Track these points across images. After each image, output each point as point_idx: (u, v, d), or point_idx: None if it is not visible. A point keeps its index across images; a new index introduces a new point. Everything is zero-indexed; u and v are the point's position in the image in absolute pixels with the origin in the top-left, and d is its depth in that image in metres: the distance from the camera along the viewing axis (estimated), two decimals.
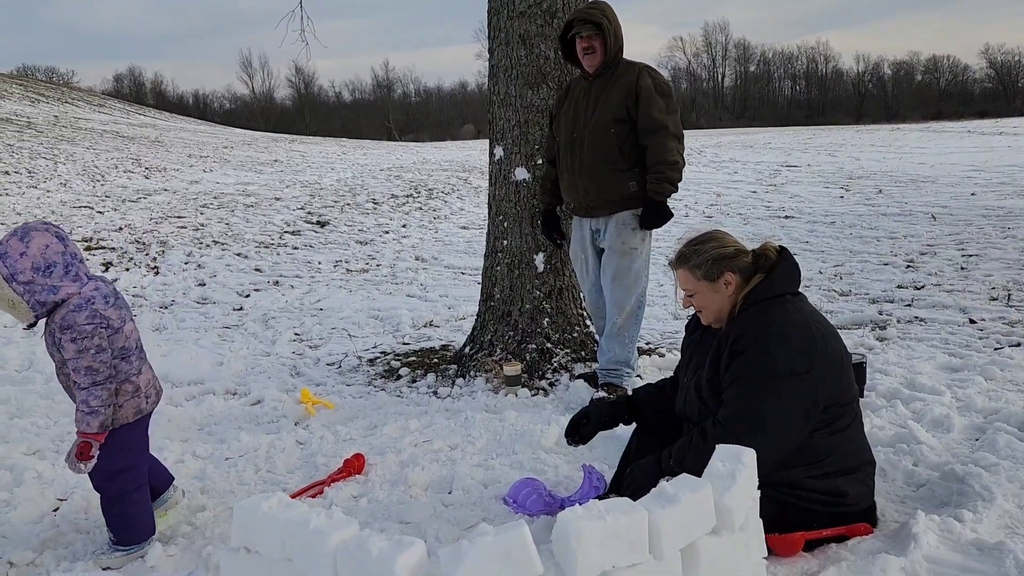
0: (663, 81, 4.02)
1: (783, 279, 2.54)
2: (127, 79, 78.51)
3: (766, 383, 2.35)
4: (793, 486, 2.40)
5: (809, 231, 9.65)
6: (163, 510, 2.89)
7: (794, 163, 16.99)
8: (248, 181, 15.56)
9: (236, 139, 27.04)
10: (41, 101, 30.59)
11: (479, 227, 10.62)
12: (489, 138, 4.79)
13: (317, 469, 3.38)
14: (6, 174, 14.23)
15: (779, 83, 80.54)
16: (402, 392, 4.53)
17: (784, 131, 32.56)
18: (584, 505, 1.60)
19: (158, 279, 8.05)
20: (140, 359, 2.66)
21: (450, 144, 33.12)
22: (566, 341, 4.64)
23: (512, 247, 4.64)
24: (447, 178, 15.65)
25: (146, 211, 11.84)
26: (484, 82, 5.08)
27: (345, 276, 8.28)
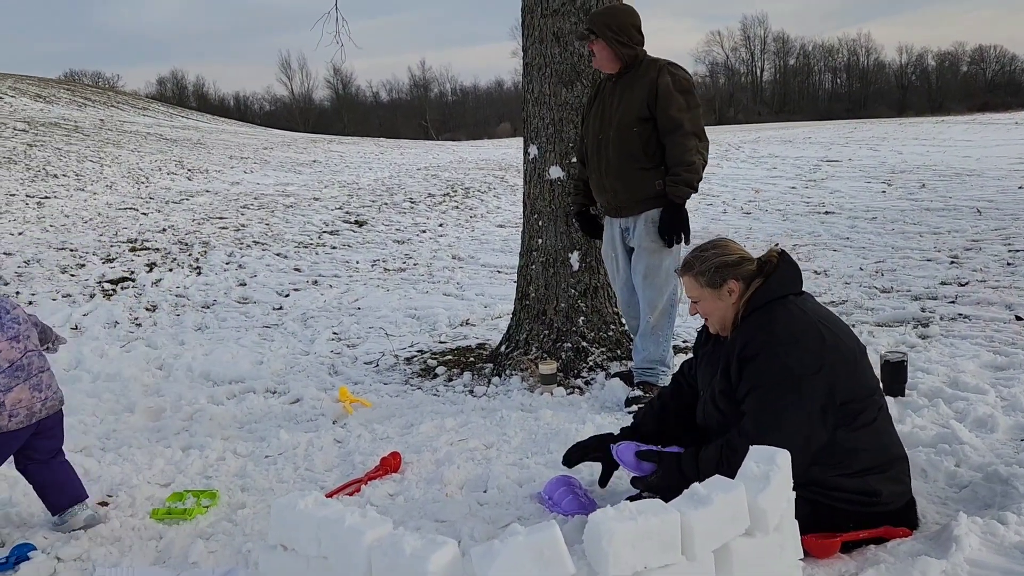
0: (683, 78, 3.97)
1: (782, 281, 2.55)
2: (170, 82, 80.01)
3: (782, 387, 2.35)
4: (824, 486, 2.39)
5: (850, 227, 9.49)
6: (66, 529, 2.86)
7: (834, 158, 16.71)
8: (287, 182, 15.78)
9: (276, 140, 27.43)
10: (88, 105, 31.35)
11: (515, 225, 10.64)
12: (523, 137, 4.80)
13: (354, 467, 3.42)
14: (55, 177, 14.62)
15: (819, 76, 79.21)
16: (438, 391, 4.57)
17: (824, 125, 32.04)
18: (616, 506, 1.61)
19: (200, 279, 8.21)
20: (13, 379, 2.74)
21: (487, 143, 33.20)
22: (601, 340, 4.63)
23: (547, 246, 4.64)
24: (483, 177, 15.69)
25: (189, 212, 12.08)
26: (520, 80, 5.10)
27: (383, 275, 8.35)
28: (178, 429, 4.03)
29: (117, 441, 3.88)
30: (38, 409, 2.80)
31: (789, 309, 2.48)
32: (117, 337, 6.28)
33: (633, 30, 3.99)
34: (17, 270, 8.47)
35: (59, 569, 2.63)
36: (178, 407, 4.37)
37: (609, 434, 3.02)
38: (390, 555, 1.57)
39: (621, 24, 3.94)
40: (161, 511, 2.98)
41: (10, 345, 2.76)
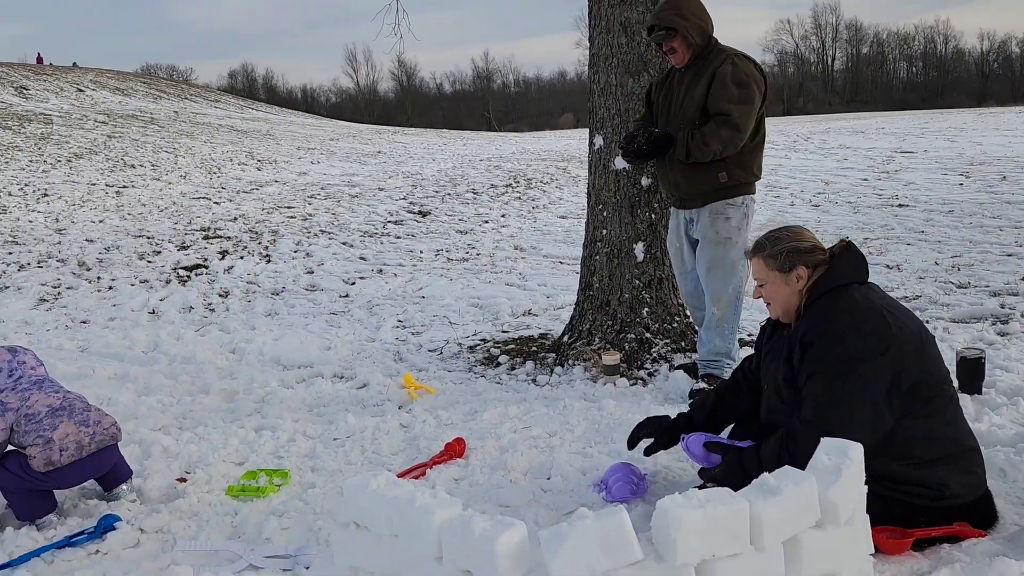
0: (746, 70, 3.84)
1: (846, 269, 2.53)
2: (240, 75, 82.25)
3: (844, 371, 2.32)
4: (893, 479, 2.34)
5: (925, 220, 9.19)
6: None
7: (909, 149, 16.17)
8: (353, 172, 16.05)
9: (341, 131, 27.90)
10: (163, 98, 32.39)
11: (578, 216, 10.61)
12: (589, 127, 4.79)
13: (420, 451, 3.49)
14: (132, 167, 15.18)
15: (894, 65, 76.71)
16: (501, 379, 4.61)
17: (898, 115, 31.00)
18: (685, 494, 1.61)
19: (270, 267, 8.43)
20: (56, 418, 2.93)
21: (549, 134, 33.14)
22: (666, 331, 4.60)
23: (611, 236, 4.63)
24: (546, 168, 15.68)
25: (258, 201, 12.41)
26: (583, 71, 5.07)
27: (446, 265, 8.44)
28: (250, 411, 4.16)
29: (193, 421, 4.03)
30: (86, 442, 2.95)
31: (852, 295, 2.46)
32: (192, 321, 6.51)
33: (706, 16, 3.93)
34: (99, 256, 8.85)
35: (142, 540, 2.75)
36: (250, 390, 4.51)
37: (666, 415, 3.01)
38: (460, 535, 1.60)
39: (695, 12, 3.88)
40: (236, 488, 3.09)
41: (47, 395, 3.00)
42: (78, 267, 8.40)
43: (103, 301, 7.23)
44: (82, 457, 2.94)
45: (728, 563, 1.59)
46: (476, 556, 1.57)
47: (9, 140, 16.70)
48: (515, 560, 1.55)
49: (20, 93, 26.39)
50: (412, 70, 79.52)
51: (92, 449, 2.97)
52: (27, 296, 7.35)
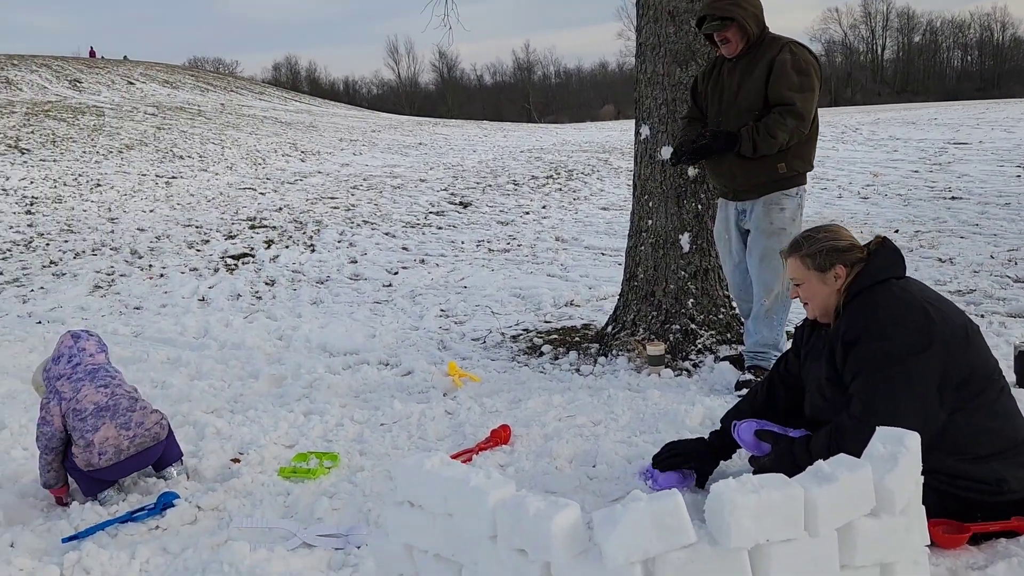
0: (805, 58, 3.80)
1: (883, 264, 2.51)
2: (284, 68, 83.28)
3: (890, 367, 2.30)
4: (948, 474, 2.30)
5: (980, 213, 8.96)
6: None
7: (963, 140, 15.76)
8: (395, 163, 16.18)
9: (383, 123, 28.12)
10: (210, 90, 32.95)
11: (619, 208, 10.57)
12: (635, 117, 4.77)
13: (465, 438, 3.52)
14: (180, 158, 15.50)
15: (947, 54, 74.75)
16: (545, 368, 4.63)
17: (952, 105, 30.20)
18: (739, 478, 1.61)
19: (314, 256, 8.56)
20: (99, 419, 2.98)
21: (590, 125, 32.98)
22: (711, 323, 4.58)
23: (657, 227, 4.61)
24: (587, 159, 15.63)
25: (303, 192, 12.58)
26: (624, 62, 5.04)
27: (487, 255, 8.48)
28: (299, 396, 4.24)
29: (244, 404, 4.12)
30: (125, 447, 3.02)
31: (891, 291, 2.43)
32: (240, 309, 6.64)
33: (760, 5, 3.88)
34: (150, 245, 9.07)
35: (199, 516, 2.84)
36: (298, 375, 4.60)
37: (700, 439, 2.95)
38: (514, 515, 1.62)
39: (750, 3, 3.82)
40: (287, 469, 3.17)
41: (96, 390, 3.05)
42: (131, 255, 8.62)
43: (155, 288, 7.42)
44: (119, 461, 3.02)
45: (782, 548, 1.59)
46: (530, 535, 1.59)
47: (64, 132, 17.16)
48: (569, 540, 1.56)
49: (74, 86, 27.08)
50: (453, 62, 79.77)
51: (131, 452, 3.04)
52: (82, 283, 7.57)
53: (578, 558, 1.58)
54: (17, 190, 11.96)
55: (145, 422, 3.09)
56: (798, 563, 1.62)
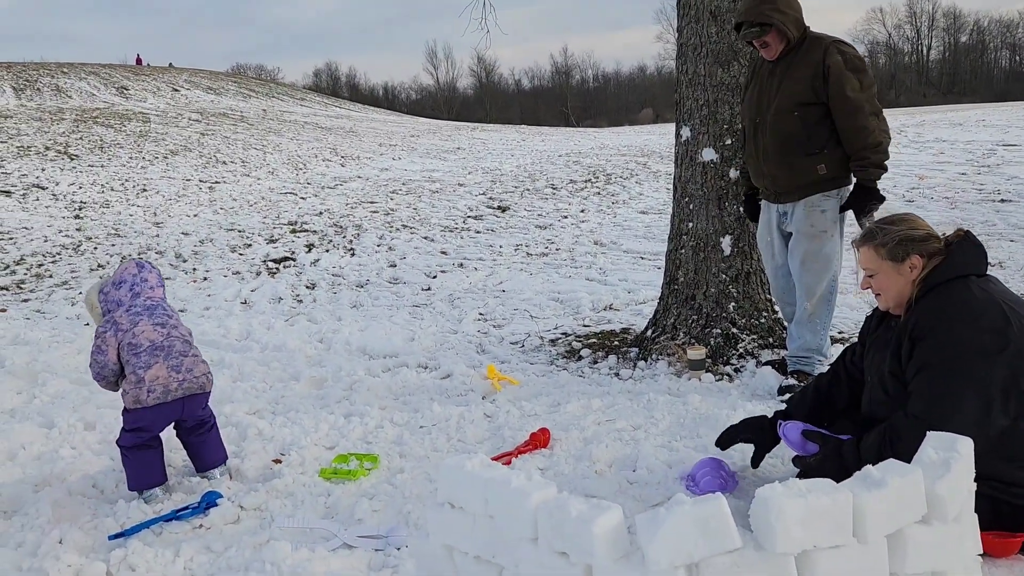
0: (854, 55, 3.76)
1: (963, 260, 2.41)
2: (324, 74, 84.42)
3: (957, 366, 2.22)
4: (1003, 480, 2.23)
5: None
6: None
7: (1012, 142, 15.37)
8: (433, 168, 16.28)
9: (422, 128, 28.31)
10: (252, 96, 33.51)
11: (658, 212, 10.49)
12: (676, 119, 4.73)
13: (504, 441, 3.52)
14: (223, 164, 15.77)
15: (995, 54, 73.02)
16: (584, 372, 4.60)
17: (1000, 107, 29.47)
18: (785, 483, 1.58)
19: (354, 260, 8.63)
20: (153, 357, 3.04)
21: (628, 129, 32.83)
22: (753, 327, 4.52)
23: (698, 229, 4.57)
24: (625, 163, 15.55)
25: (342, 197, 12.71)
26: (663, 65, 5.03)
27: (525, 259, 8.48)
28: (339, 398, 4.27)
29: (285, 406, 4.16)
30: (174, 388, 3.06)
31: (969, 288, 2.34)
32: (281, 312, 6.72)
33: (799, 11, 3.84)
34: (194, 248, 9.23)
35: (242, 516, 2.87)
36: (338, 378, 4.63)
37: (762, 416, 2.95)
38: (556, 516, 1.62)
39: (791, 4, 3.79)
40: (328, 471, 3.19)
41: (153, 328, 3.09)
42: (175, 259, 8.79)
43: (199, 291, 7.54)
44: (166, 401, 3.05)
45: (830, 555, 1.56)
46: (573, 538, 1.58)
47: (111, 138, 17.57)
48: (612, 543, 1.55)
49: (121, 93, 27.73)
50: (491, 66, 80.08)
51: (177, 395, 3.07)
52: None
53: (620, 561, 1.56)
54: (67, 195, 12.27)
55: (195, 369, 3.14)
56: (846, 570, 1.59)
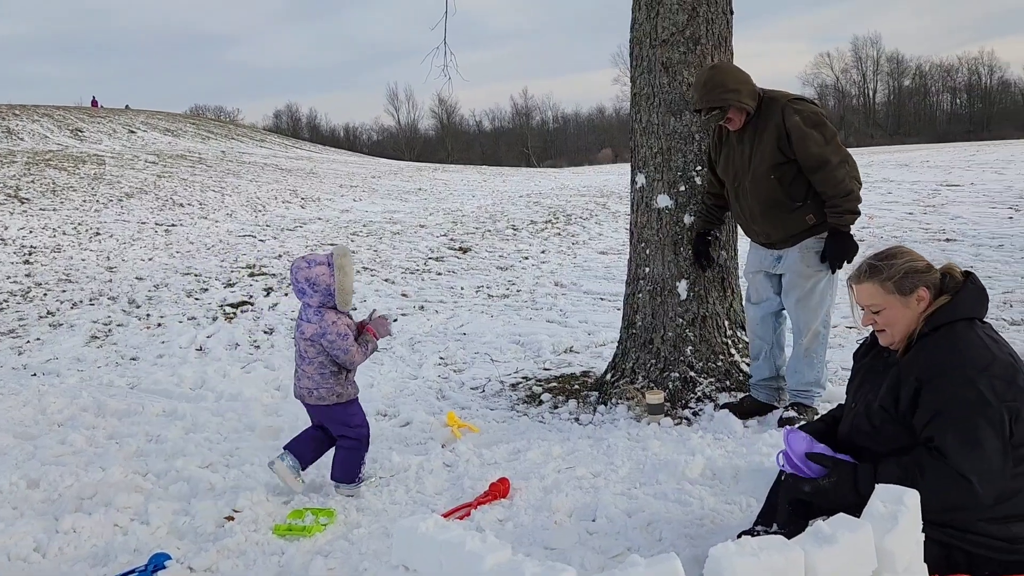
0: (811, 111, 3.90)
1: (970, 302, 2.39)
2: (285, 115, 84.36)
3: (979, 412, 2.20)
4: (963, 529, 2.24)
5: (974, 255, 9.00)
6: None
7: (955, 182, 15.90)
8: (394, 209, 16.28)
9: (383, 169, 28.37)
10: (211, 138, 33.32)
11: (617, 252, 10.61)
12: (631, 166, 4.81)
13: (464, 491, 3.48)
14: (181, 206, 15.59)
15: (937, 97, 75.81)
16: (544, 418, 4.59)
17: (943, 147, 30.54)
18: (737, 541, 1.59)
19: None
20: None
21: (588, 169, 33.25)
22: (710, 370, 4.56)
23: (654, 274, 4.62)
24: (585, 203, 15.73)
25: (302, 239, 12.63)
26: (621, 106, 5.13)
27: (487, 301, 8.48)
28: None
29: (240, 459, 4.07)
30: (295, 389, 3.58)
31: (977, 333, 2.33)
32: (238, 358, 6.61)
33: (747, 76, 3.98)
34: (148, 293, 9.07)
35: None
36: (295, 427, 4.52)
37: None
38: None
39: (739, 79, 3.93)
40: (283, 527, 3.12)
41: (296, 327, 3.56)
42: (128, 304, 8.62)
43: (152, 338, 7.40)
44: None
45: None
46: None
47: (64, 181, 17.29)
48: None
49: (75, 135, 27.38)
50: (452, 108, 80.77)
51: (298, 397, 3.61)
52: (79, 333, 7.55)
53: None
54: (16, 240, 12.01)
55: (302, 380, 3.54)
56: None
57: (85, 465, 3.93)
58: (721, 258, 4.61)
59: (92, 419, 4.80)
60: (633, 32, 4.66)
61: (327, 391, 3.51)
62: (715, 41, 4.50)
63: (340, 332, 3.44)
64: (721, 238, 4.59)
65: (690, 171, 4.51)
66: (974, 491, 2.18)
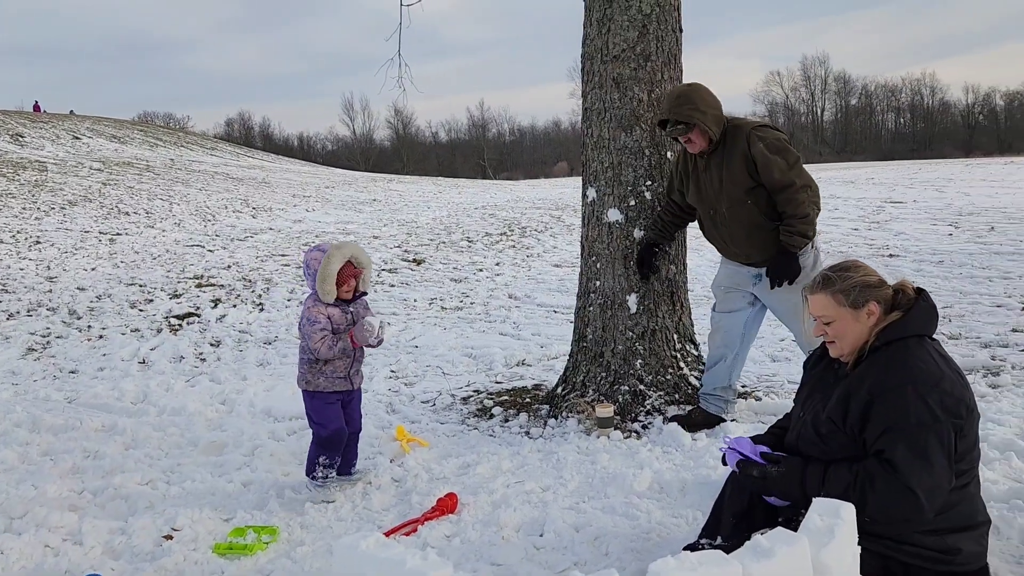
0: (774, 138, 3.93)
1: (922, 319, 2.45)
2: (237, 123, 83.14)
3: (930, 428, 2.24)
4: (900, 540, 2.29)
5: (915, 270, 9.25)
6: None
7: (898, 199, 16.38)
8: (348, 220, 16.14)
9: (337, 179, 28.11)
10: (159, 145, 32.68)
11: (572, 265, 10.66)
12: (582, 180, 4.84)
13: (411, 507, 3.44)
14: (126, 215, 15.23)
15: (882, 116, 78.07)
16: (495, 431, 4.57)
17: (887, 165, 31.45)
18: (676, 556, 1.59)
19: (263, 315, 8.41)
20: None
21: (543, 182, 33.46)
22: (659, 383, 4.59)
23: (605, 288, 4.64)
24: (540, 216, 15.80)
25: (253, 249, 12.43)
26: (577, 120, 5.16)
27: (440, 314, 8.44)
28: (239, 464, 4.11)
29: (181, 475, 3.97)
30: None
31: (927, 350, 2.38)
32: (182, 372, 6.46)
33: (718, 103, 4.00)
34: (90, 304, 8.82)
35: None
36: (240, 442, 4.46)
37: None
38: None
39: (709, 103, 3.96)
40: (223, 546, 3.04)
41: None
42: (68, 316, 8.37)
43: (93, 351, 7.19)
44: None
45: None
46: None
47: (3, 187, 16.77)
48: None
49: (16, 140, 26.60)
50: (408, 119, 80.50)
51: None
52: (15, 345, 7.30)
53: None
54: None
55: (300, 373, 3.71)
56: None
57: (16, 483, 3.80)
58: (671, 272, 4.65)
59: (26, 435, 4.63)
60: (585, 47, 4.70)
61: (300, 376, 3.70)
62: (665, 58, 4.56)
63: (310, 318, 3.57)
64: (671, 252, 4.64)
65: (640, 186, 4.55)
66: (920, 506, 2.22)
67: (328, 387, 3.67)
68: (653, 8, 4.48)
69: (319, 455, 3.67)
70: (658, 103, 4.51)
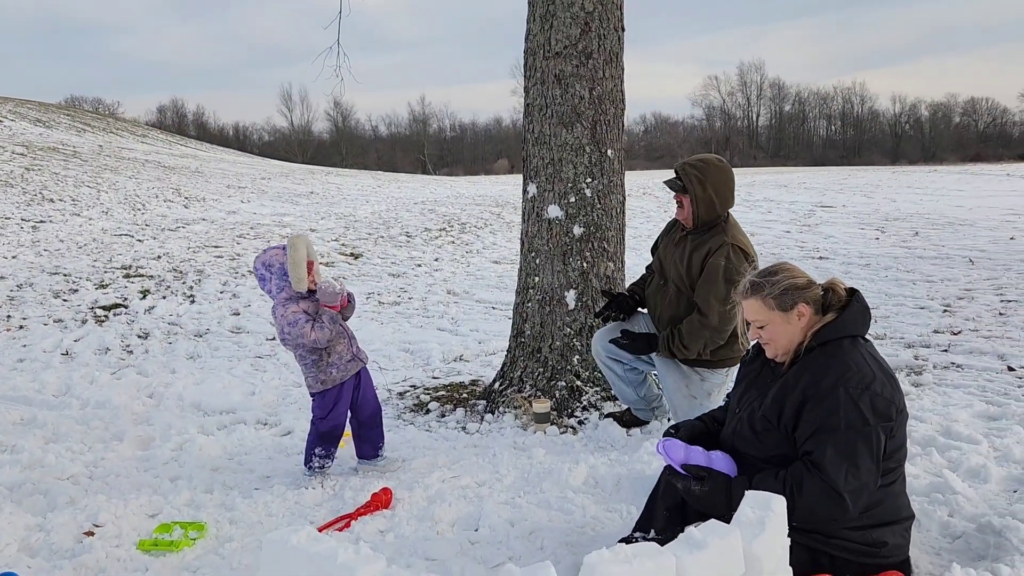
0: (737, 267, 3.71)
1: (855, 320, 2.50)
2: (170, 111, 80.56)
3: (858, 430, 2.29)
4: (828, 535, 2.36)
5: (843, 272, 9.55)
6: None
7: (829, 203, 16.89)
8: (284, 212, 15.84)
9: (274, 171, 27.57)
10: (87, 131, 31.52)
11: (511, 262, 10.67)
12: (523, 175, 4.84)
13: (344, 502, 3.39)
14: (51, 201, 14.64)
15: (814, 123, 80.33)
16: (431, 426, 4.54)
17: (819, 171, 32.38)
18: (612, 548, 1.60)
19: (194, 307, 8.18)
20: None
21: (484, 179, 33.44)
22: (596, 379, 4.63)
23: (543, 284, 4.66)
24: (480, 212, 15.77)
25: (184, 240, 12.09)
26: (518, 118, 5.15)
27: (377, 308, 8.35)
28: (167, 459, 3.99)
29: (104, 470, 3.84)
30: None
31: (860, 351, 2.43)
32: (108, 364, 6.24)
33: (726, 194, 3.88)
34: (9, 294, 8.45)
35: None
36: (167, 437, 4.33)
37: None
38: None
39: (715, 186, 3.83)
40: (148, 542, 2.95)
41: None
42: None
43: (12, 341, 6.89)
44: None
45: None
46: None
47: None
48: None
49: None
50: (348, 111, 79.29)
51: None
52: None
53: None
54: None
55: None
56: None
57: None
58: (608, 269, 4.70)
59: None
60: (527, 43, 4.70)
61: (312, 379, 3.67)
62: (607, 56, 4.59)
63: (289, 321, 3.49)
64: (609, 250, 4.68)
65: (580, 183, 4.58)
66: (845, 506, 2.28)
67: (343, 376, 3.67)
68: (596, 6, 4.51)
69: (316, 446, 3.69)
70: (599, 101, 4.55)
